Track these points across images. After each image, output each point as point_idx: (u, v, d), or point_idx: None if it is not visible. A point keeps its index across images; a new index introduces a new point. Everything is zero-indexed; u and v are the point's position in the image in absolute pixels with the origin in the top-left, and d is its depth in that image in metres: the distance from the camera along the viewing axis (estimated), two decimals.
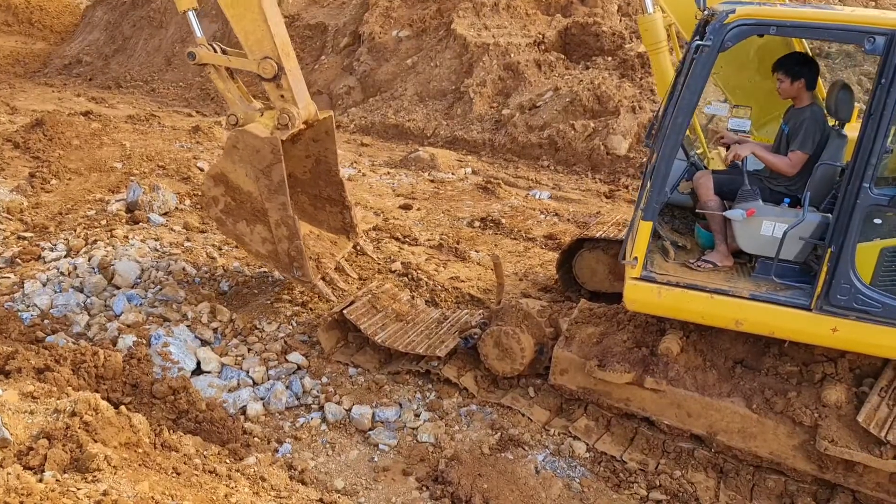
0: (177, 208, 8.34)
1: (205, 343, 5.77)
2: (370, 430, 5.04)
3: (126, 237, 7.28)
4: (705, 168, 5.25)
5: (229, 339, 5.87)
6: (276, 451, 4.78)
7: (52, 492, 3.02)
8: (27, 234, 7.46)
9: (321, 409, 5.20)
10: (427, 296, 6.72)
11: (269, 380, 5.45)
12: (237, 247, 6.69)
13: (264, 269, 6.99)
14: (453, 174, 11.09)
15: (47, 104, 14.67)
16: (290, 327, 6.09)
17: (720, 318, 4.42)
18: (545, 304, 6.57)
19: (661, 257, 4.76)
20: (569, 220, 9.16)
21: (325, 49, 16.44)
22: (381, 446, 4.90)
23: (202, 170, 9.87)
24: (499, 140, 12.56)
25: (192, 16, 5.69)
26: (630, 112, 11.79)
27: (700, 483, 4.60)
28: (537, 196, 10.17)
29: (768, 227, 4.39)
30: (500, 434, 4.93)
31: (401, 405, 5.26)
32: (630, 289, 4.52)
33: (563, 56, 13.84)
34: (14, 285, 6.34)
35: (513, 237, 8.51)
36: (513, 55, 13.70)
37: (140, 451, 3.78)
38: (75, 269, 6.56)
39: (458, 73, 14.09)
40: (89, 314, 6.02)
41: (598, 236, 6.40)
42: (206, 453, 4.35)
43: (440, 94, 14.07)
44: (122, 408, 4.03)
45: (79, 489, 3.12)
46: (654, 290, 4.47)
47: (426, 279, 7.00)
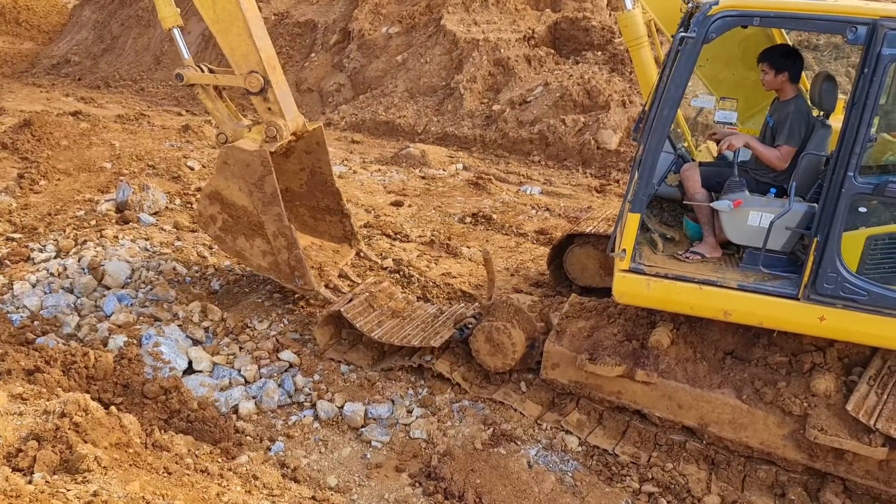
0: (167, 208, 8.32)
1: (196, 342, 5.76)
2: (362, 427, 5.04)
3: (116, 237, 7.25)
4: (692, 161, 5.27)
5: (221, 338, 5.86)
6: (269, 449, 4.78)
7: (42, 493, 3.01)
8: (16, 236, 7.43)
9: (313, 406, 5.20)
10: (419, 292, 6.73)
11: (260, 378, 5.44)
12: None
13: None
14: (444, 170, 11.09)
15: (35, 104, 14.59)
16: (282, 325, 6.09)
17: (708, 308, 4.44)
18: (536, 299, 6.59)
19: (649, 249, 4.78)
20: (560, 214, 9.17)
21: (315, 46, 16.40)
22: (373, 443, 4.91)
23: (192, 169, 9.84)
24: (489, 136, 12.56)
25: (177, 34, 5.71)
26: (620, 106, 11.80)
27: (692, 475, 4.62)
28: (528, 191, 10.18)
29: (755, 218, 4.41)
30: (492, 429, 4.94)
31: (393, 402, 5.27)
32: (619, 281, 4.53)
33: (552, 51, 13.85)
34: (3, 287, 6.30)
35: (504, 233, 8.52)
36: (502, 51, 13.70)
37: (131, 451, 3.77)
38: (65, 269, 6.53)
39: (448, 69, 14.08)
40: (79, 315, 6.00)
41: (588, 232, 6.41)
42: (197, 452, 4.35)
43: (430, 91, 14.06)
44: (113, 408, 4.03)
45: (69, 490, 3.12)
46: (643, 281, 4.48)
47: (417, 276, 7.01)
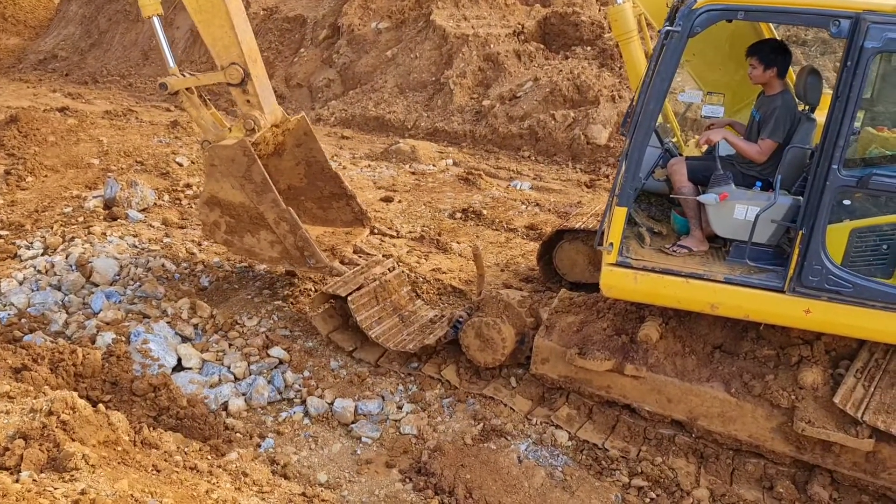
0: (155, 204, 8.28)
1: (185, 339, 5.75)
2: (353, 423, 5.05)
3: (104, 234, 7.22)
4: (679, 155, 5.28)
5: (210, 335, 5.85)
6: (259, 446, 4.77)
7: (29, 492, 3.00)
8: (3, 232, 7.38)
9: (303, 403, 5.20)
10: (409, 288, 6.72)
11: (250, 375, 5.43)
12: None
13: (245, 263, 6.97)
14: (434, 166, 11.08)
15: (22, 100, 14.46)
16: (272, 322, 6.08)
17: (696, 302, 4.46)
18: (526, 295, 6.60)
19: (637, 243, 4.79)
20: (550, 210, 9.18)
21: (304, 42, 16.33)
22: (363, 439, 4.91)
23: (181, 165, 9.80)
24: (479, 131, 12.55)
25: (157, 23, 5.73)
26: (610, 101, 11.81)
27: (681, 469, 4.64)
28: (518, 187, 10.18)
29: (741, 211, 4.43)
30: (482, 424, 4.95)
31: (383, 398, 5.28)
32: (606, 275, 4.55)
33: (542, 46, 13.83)
34: None
35: (494, 228, 8.53)
36: (492, 46, 13.68)
37: (119, 449, 3.77)
38: (52, 266, 6.49)
39: (438, 64, 14.05)
40: (67, 312, 5.97)
41: (577, 227, 6.42)
42: (187, 450, 4.34)
43: (420, 86, 14.03)
44: (101, 406, 4.01)
45: (56, 489, 3.10)
46: (631, 275, 4.50)
47: (408, 271, 7.00)
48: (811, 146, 4.57)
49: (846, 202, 4.07)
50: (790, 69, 4.95)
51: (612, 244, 4.45)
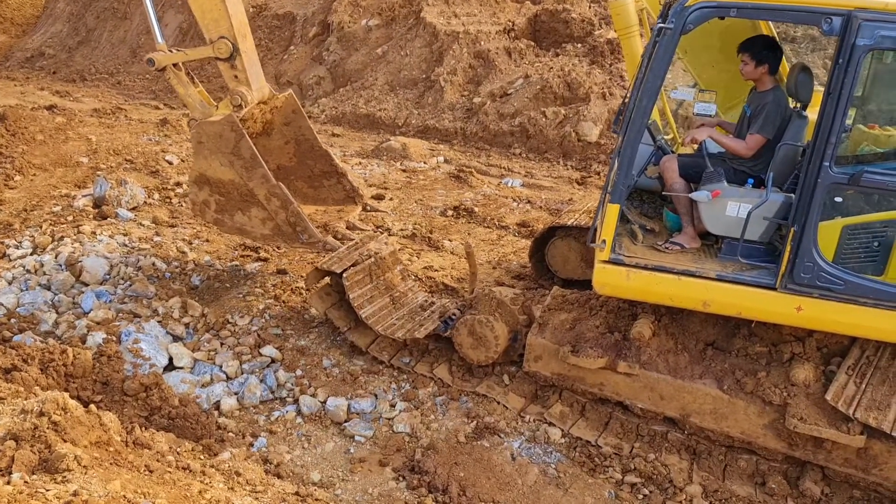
0: (145, 203, 8.23)
1: (176, 338, 5.72)
2: (346, 421, 5.03)
3: (94, 233, 7.17)
4: (672, 152, 5.29)
5: (201, 334, 5.82)
6: (251, 445, 4.75)
7: (21, 494, 2.97)
8: None
9: (296, 401, 5.18)
10: (402, 266, 6.66)
11: (242, 374, 5.41)
12: (211, 240, 6.63)
13: (236, 262, 6.93)
14: (425, 163, 11.06)
15: (10, 98, 14.35)
16: (263, 320, 6.05)
17: (688, 299, 4.47)
18: (518, 292, 6.60)
19: (629, 240, 4.79)
20: (541, 207, 9.19)
21: (294, 39, 16.27)
22: (357, 437, 4.90)
23: (171, 163, 9.74)
24: (470, 128, 12.54)
25: (148, 4, 5.65)
26: (600, 98, 11.83)
27: (674, 465, 4.66)
28: (509, 184, 10.18)
29: (733, 208, 4.44)
30: (475, 422, 4.95)
31: (376, 396, 5.26)
32: (599, 272, 4.55)
33: (532, 43, 13.84)
34: None
35: (486, 225, 8.53)
36: (483, 43, 13.67)
37: (111, 449, 3.73)
38: (42, 266, 6.44)
39: (429, 61, 14.03)
40: (57, 312, 5.92)
41: (569, 224, 6.42)
42: (179, 450, 4.32)
43: (411, 84, 14.01)
44: (92, 406, 3.98)
45: (48, 490, 3.07)
46: (623, 272, 4.50)
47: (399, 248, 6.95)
48: (803, 143, 4.58)
49: (838, 199, 4.08)
50: (784, 63, 4.96)
51: (604, 241, 4.45)
